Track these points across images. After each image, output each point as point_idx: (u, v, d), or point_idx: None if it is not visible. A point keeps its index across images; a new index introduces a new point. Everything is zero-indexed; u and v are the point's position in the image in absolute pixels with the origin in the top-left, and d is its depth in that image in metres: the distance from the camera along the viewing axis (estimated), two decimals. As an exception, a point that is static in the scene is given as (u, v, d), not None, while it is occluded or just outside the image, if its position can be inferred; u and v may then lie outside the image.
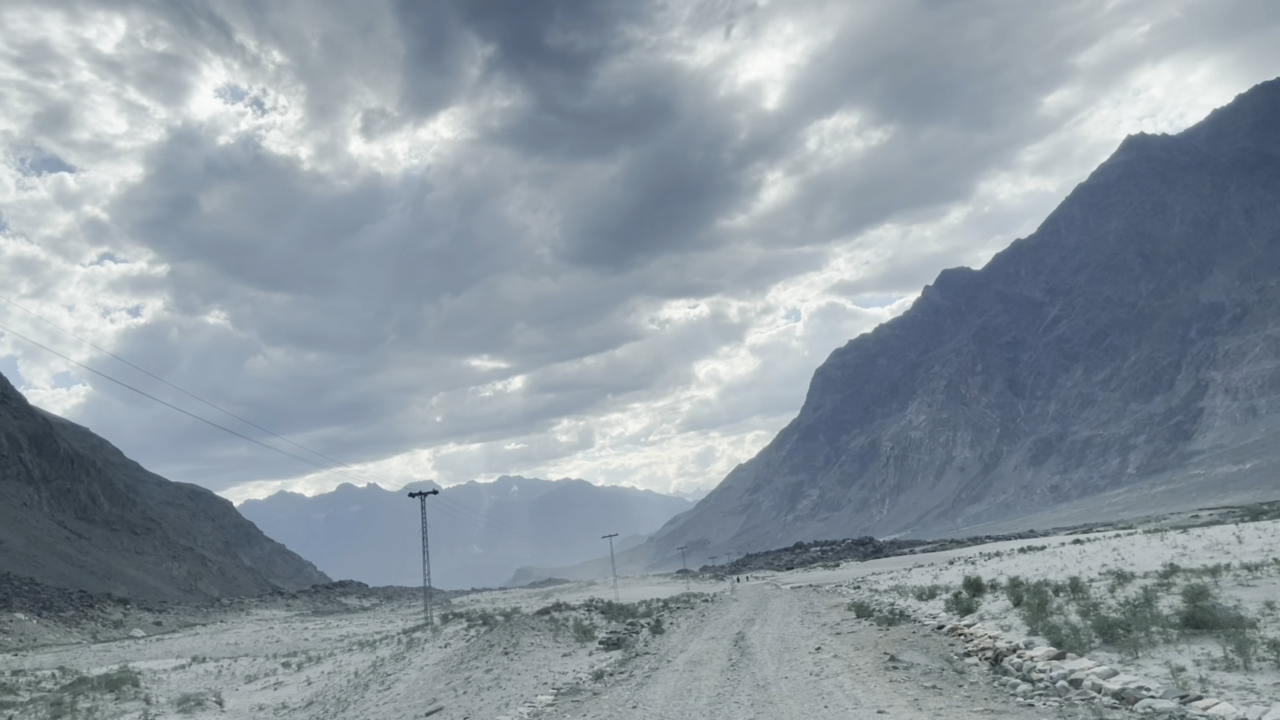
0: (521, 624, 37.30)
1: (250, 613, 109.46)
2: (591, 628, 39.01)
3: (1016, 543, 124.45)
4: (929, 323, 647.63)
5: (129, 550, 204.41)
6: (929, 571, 67.62)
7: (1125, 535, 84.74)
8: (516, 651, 31.90)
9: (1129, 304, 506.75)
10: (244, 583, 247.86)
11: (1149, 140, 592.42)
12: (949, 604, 32.56)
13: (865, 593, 50.52)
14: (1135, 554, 50.14)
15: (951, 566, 70.48)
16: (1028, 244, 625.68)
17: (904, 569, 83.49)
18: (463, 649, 33.96)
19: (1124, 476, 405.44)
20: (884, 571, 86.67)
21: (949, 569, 65.70)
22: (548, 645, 33.53)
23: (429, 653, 35.05)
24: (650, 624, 39.71)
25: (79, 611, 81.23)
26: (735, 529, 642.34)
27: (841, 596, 49.45)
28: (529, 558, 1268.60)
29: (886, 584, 58.32)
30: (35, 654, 49.98)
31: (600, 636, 35.50)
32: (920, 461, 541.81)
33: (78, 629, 73.30)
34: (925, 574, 64.76)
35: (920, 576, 61.95)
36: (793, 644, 27.18)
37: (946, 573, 60.17)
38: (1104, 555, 53.16)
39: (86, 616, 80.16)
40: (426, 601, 64.42)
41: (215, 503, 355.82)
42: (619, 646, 33.09)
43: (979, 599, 32.60)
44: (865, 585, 60.62)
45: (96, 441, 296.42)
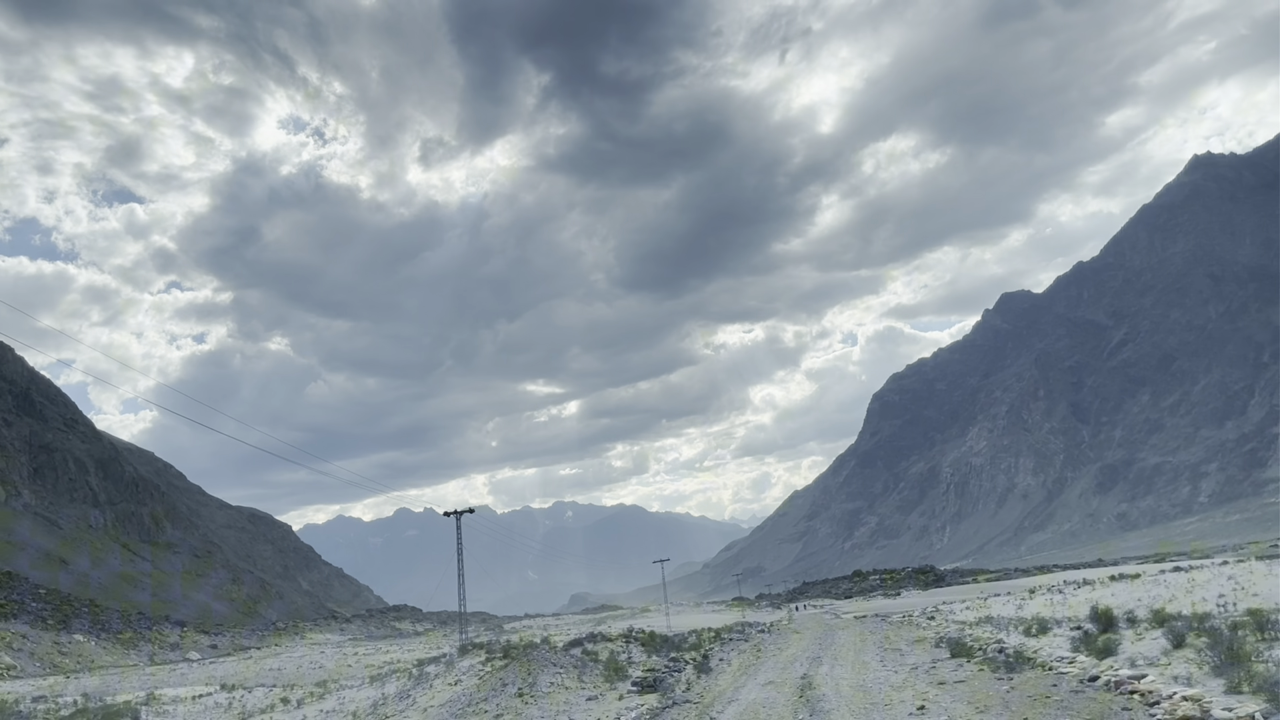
0: (542, 659, 33.60)
1: (305, 636, 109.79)
2: (626, 664, 34.94)
3: (1093, 571, 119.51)
4: (989, 347, 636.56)
5: (190, 573, 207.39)
6: (1009, 601, 62.67)
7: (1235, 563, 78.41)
8: (533, 693, 28.18)
9: (1198, 327, 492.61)
10: (302, 606, 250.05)
11: (1216, 159, 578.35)
12: (1077, 643, 26.42)
13: (948, 624, 45.60)
14: (1257, 583, 43.37)
15: (1035, 595, 65.41)
16: (1090, 266, 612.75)
17: (977, 598, 78.12)
18: (473, 688, 30.39)
19: (1195, 505, 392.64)
20: (953, 600, 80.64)
21: (1032, 598, 60.72)
22: (570, 686, 29.70)
23: (436, 691, 31.45)
24: (696, 660, 35.62)
25: (137, 634, 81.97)
26: (791, 556, 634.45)
27: (919, 629, 44.81)
28: (584, 584, 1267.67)
29: (968, 614, 53.25)
30: (84, 676, 50.12)
31: (635, 676, 30.90)
32: (981, 488, 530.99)
33: (135, 651, 73.84)
34: (1007, 603, 59.50)
35: (1003, 605, 57.02)
36: (879, 696, 22.21)
37: (1031, 602, 55.36)
38: (1218, 584, 46.53)
39: (144, 639, 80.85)
40: (461, 625, 62.69)
41: (275, 526, 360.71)
42: (655, 689, 28.22)
43: (1114, 636, 26.67)
44: (941, 615, 56.19)
45: (161, 465, 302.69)
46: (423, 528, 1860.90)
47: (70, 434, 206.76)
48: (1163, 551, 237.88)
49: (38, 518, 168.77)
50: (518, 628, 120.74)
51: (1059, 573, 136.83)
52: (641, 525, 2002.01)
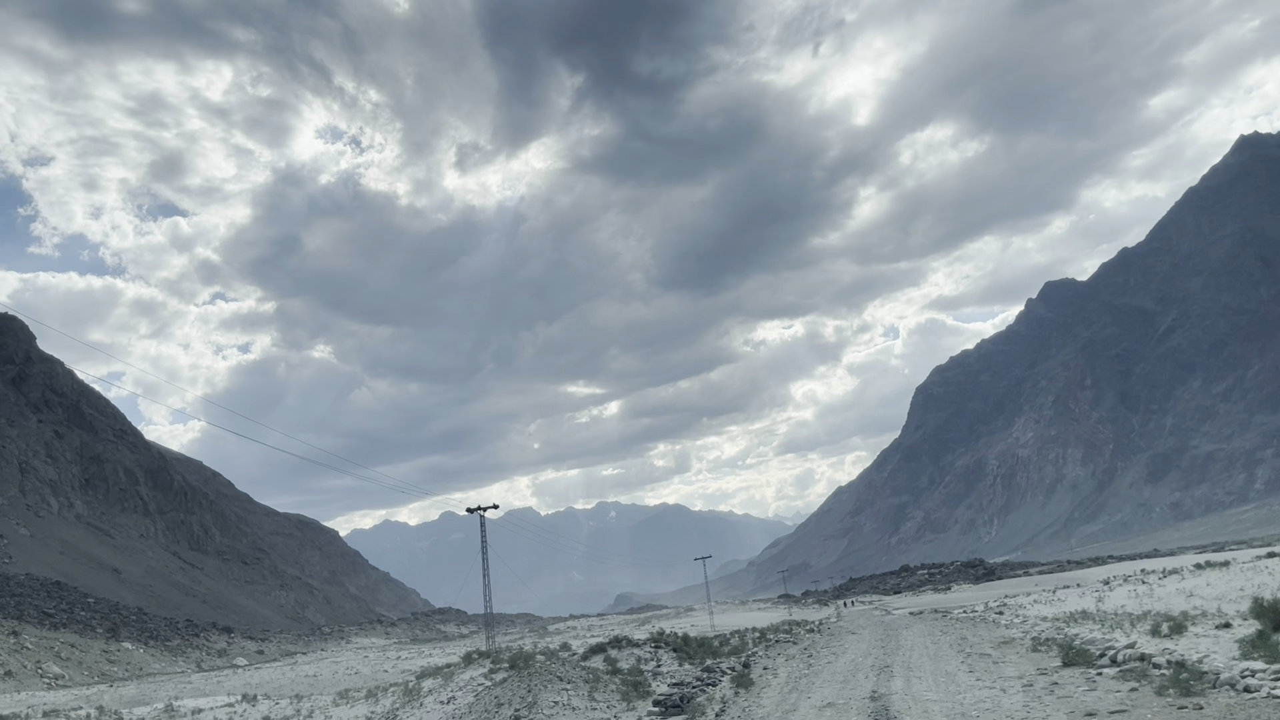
0: (549, 673, 28.69)
1: (350, 641, 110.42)
2: (650, 677, 30.32)
3: (1158, 560, 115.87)
4: (1034, 336, 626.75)
5: (239, 579, 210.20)
6: (1084, 593, 56.83)
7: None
8: (531, 717, 24.09)
9: (1249, 311, 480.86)
10: (349, 611, 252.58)
11: (1264, 139, 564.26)
12: (1246, 646, 20.72)
13: (1031, 622, 40.34)
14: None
15: (1112, 587, 59.86)
16: (1136, 252, 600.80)
17: (1042, 591, 72.38)
18: (465, 708, 26.47)
19: (1251, 492, 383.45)
20: (1015, 594, 76.53)
21: (1110, 589, 55.81)
22: (578, 706, 25.01)
23: (427, 711, 27.65)
24: (735, 670, 30.00)
25: (184, 640, 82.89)
26: (837, 553, 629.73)
27: (997, 626, 39.66)
28: (629, 584, 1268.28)
29: (1044, 609, 47.66)
30: (128, 685, 50.43)
31: (659, 692, 26.21)
32: (1029, 480, 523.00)
33: (183, 658, 74.59)
34: (1083, 596, 54.57)
35: (1080, 599, 52.52)
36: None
37: (1112, 594, 51.02)
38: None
39: (192, 645, 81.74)
40: (488, 628, 61.69)
41: (322, 532, 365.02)
42: (682, 710, 23.29)
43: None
44: (1011, 610, 51.63)
45: (209, 474, 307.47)
46: (467, 531, 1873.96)
47: (120, 445, 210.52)
48: (1219, 541, 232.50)
49: (90, 527, 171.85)
50: (560, 629, 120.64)
51: (1117, 564, 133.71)
52: (685, 524, 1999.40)
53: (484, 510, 60.55)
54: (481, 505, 60.71)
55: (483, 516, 60.21)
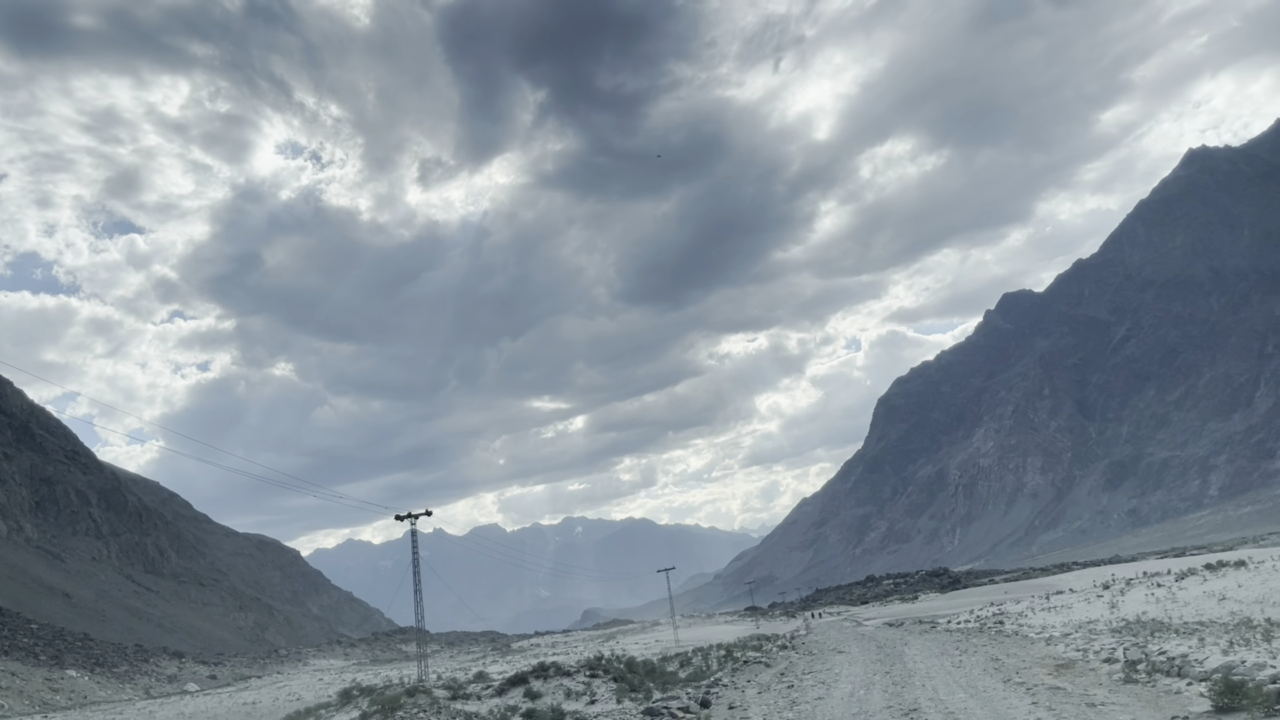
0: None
1: (308, 663, 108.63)
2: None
3: (1124, 567, 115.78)
4: (992, 347, 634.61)
5: (196, 602, 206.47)
6: (1089, 599, 51.74)
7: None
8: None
9: (1200, 320, 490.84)
10: (310, 632, 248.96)
11: (1211, 153, 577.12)
12: None
13: (1052, 632, 36.68)
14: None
15: (1115, 591, 54.29)
16: (1090, 263, 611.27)
17: (1036, 597, 66.29)
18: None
19: (1206, 498, 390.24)
20: (1000, 602, 71.61)
21: (1124, 594, 50.82)
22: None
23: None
24: (690, 710, 23.50)
25: (133, 666, 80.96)
26: (802, 564, 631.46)
27: (1026, 642, 33.92)
28: (596, 599, 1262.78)
29: (1055, 619, 43.18)
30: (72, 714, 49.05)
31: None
32: (990, 489, 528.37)
33: (131, 684, 72.79)
34: (1092, 603, 49.45)
35: (1090, 607, 47.33)
36: None
37: (1126, 599, 46.32)
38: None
39: (140, 671, 79.84)
40: (420, 649, 55.80)
41: (283, 552, 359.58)
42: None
43: None
44: (1014, 620, 46.92)
45: (166, 495, 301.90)
46: (432, 549, 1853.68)
47: (72, 466, 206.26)
48: (1178, 546, 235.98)
49: (40, 551, 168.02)
50: (523, 647, 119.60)
51: (1082, 570, 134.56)
52: (652, 538, 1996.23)
53: (415, 517, 55.60)
54: (413, 512, 55.39)
55: (414, 525, 55.82)
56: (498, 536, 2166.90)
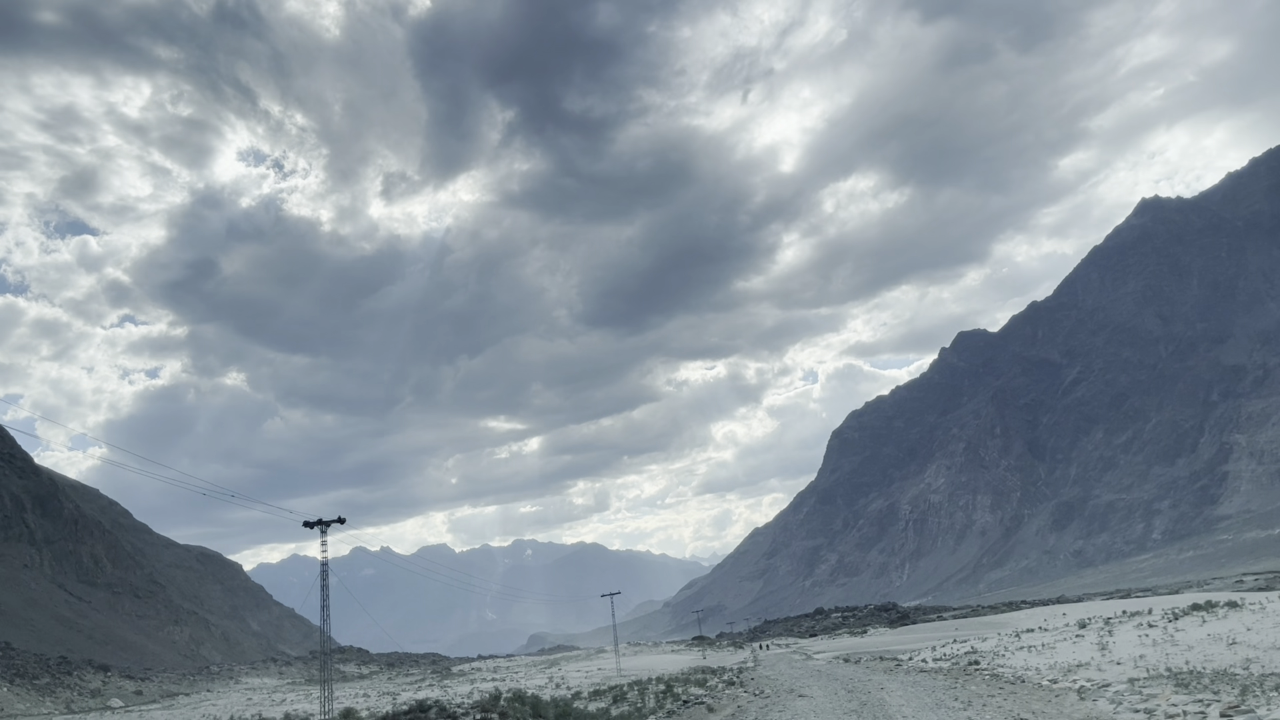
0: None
1: (240, 681, 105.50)
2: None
3: (1073, 606, 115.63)
4: (946, 385, 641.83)
5: (130, 614, 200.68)
6: (1073, 639, 47.68)
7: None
8: None
9: (1149, 366, 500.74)
10: (249, 648, 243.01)
11: (1164, 203, 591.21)
12: None
13: (1046, 676, 33.12)
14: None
15: (1096, 630, 50.16)
16: (1045, 306, 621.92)
17: (1004, 636, 61.26)
18: None
19: (1149, 541, 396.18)
20: (956, 639, 67.47)
21: (1111, 633, 46.74)
22: None
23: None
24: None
25: (55, 679, 77.86)
26: (752, 594, 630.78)
27: (1025, 692, 29.22)
28: (543, 624, 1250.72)
29: (1039, 660, 39.67)
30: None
31: None
32: (940, 525, 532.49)
33: (51, 698, 69.92)
34: (1079, 642, 45.23)
35: (1076, 646, 43.52)
36: None
37: (1116, 639, 42.54)
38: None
39: (63, 685, 76.80)
40: (325, 671, 49.15)
41: (225, 566, 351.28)
42: None
43: None
44: (991, 660, 42.90)
45: (106, 503, 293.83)
46: (379, 567, 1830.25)
47: (7, 470, 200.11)
48: (1123, 588, 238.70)
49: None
50: (465, 670, 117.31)
51: (1030, 609, 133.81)
52: (602, 563, 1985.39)
53: (326, 524, 49.13)
54: (324, 519, 48.96)
55: (324, 535, 49.42)
56: (446, 557, 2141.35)
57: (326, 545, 48.62)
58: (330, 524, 48.90)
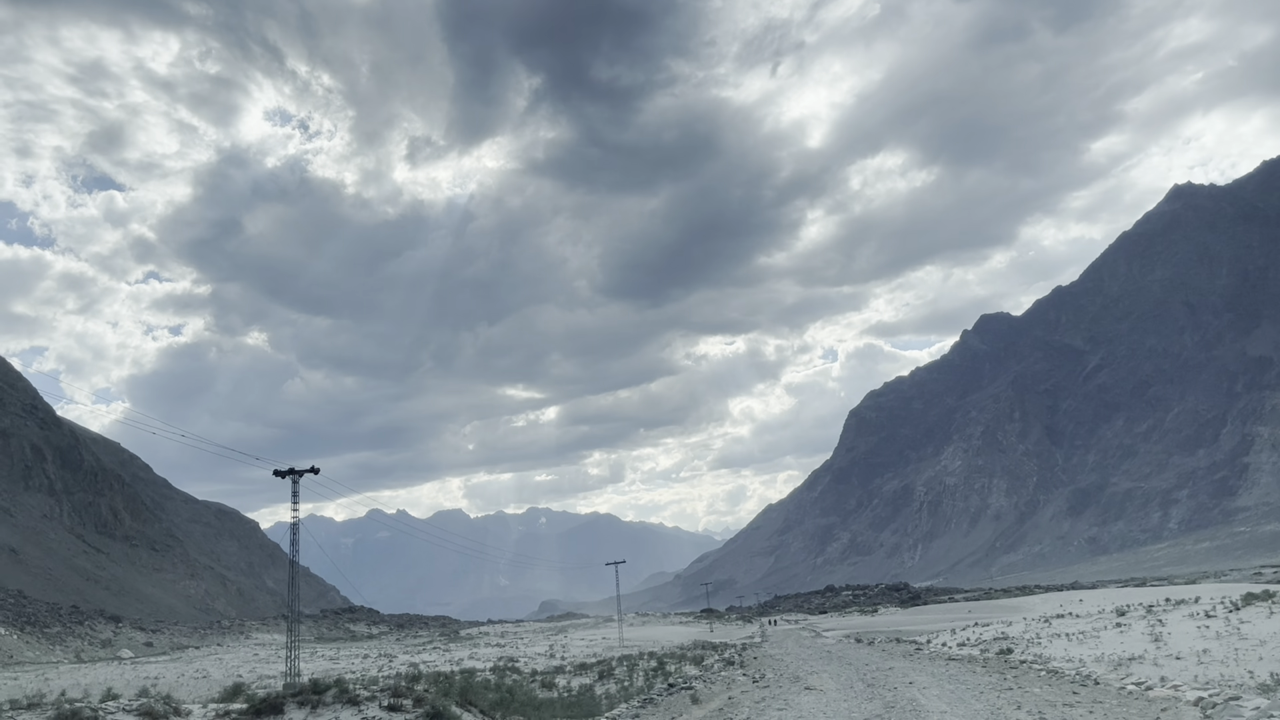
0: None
1: (250, 636, 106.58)
2: None
3: (1101, 593, 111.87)
4: (967, 367, 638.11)
5: (147, 567, 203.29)
6: (1108, 627, 42.58)
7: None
8: None
9: (1173, 355, 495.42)
10: (262, 604, 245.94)
11: (1196, 190, 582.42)
12: None
13: (1082, 665, 28.63)
14: None
15: (1137, 618, 45.07)
16: (1069, 291, 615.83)
17: (1033, 621, 56.03)
18: None
19: (1165, 531, 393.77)
20: (986, 622, 62.14)
21: (1161, 622, 40.93)
22: None
23: None
24: None
25: (66, 628, 78.81)
26: (763, 570, 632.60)
27: (1087, 691, 23.47)
28: (555, 591, 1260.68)
29: (1084, 650, 34.42)
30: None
31: None
32: (954, 508, 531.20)
33: (61, 646, 70.78)
34: (1125, 632, 39.73)
35: (1124, 636, 38.29)
36: None
37: (1169, 629, 37.60)
38: None
39: (73, 634, 77.73)
40: (290, 651, 43.64)
41: (242, 523, 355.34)
42: None
43: None
44: (1025, 648, 38.44)
45: (126, 457, 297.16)
46: (394, 529, 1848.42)
47: (29, 420, 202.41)
48: (1136, 576, 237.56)
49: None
50: (473, 635, 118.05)
51: (1044, 594, 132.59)
52: (615, 534, 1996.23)
53: (299, 474, 45.35)
54: (295, 468, 45.32)
55: (296, 484, 45.36)
56: (461, 522, 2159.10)
57: (298, 496, 45.14)
58: (303, 473, 45.40)
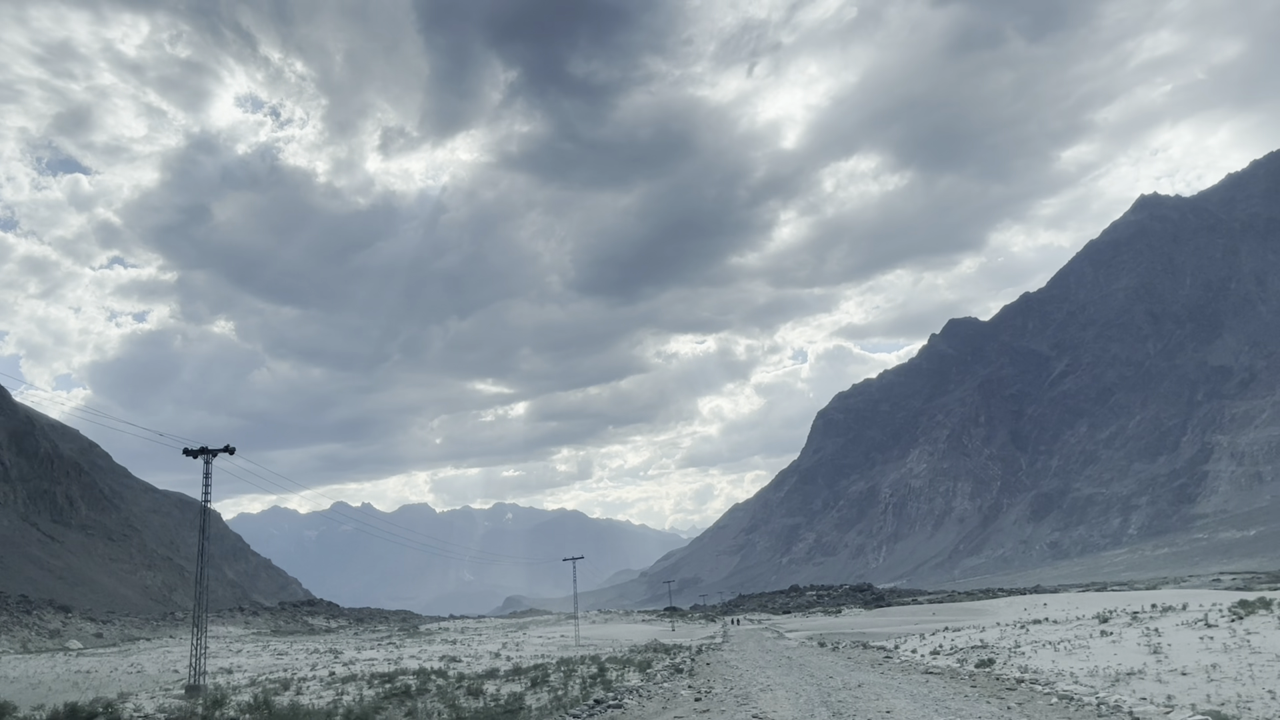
0: None
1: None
2: None
3: (1063, 597, 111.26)
4: (934, 371, 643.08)
5: (103, 556, 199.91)
6: (1095, 635, 38.62)
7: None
8: None
9: (1136, 363, 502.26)
10: (222, 596, 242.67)
11: (1162, 200, 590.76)
12: None
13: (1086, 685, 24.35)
14: None
15: (1122, 625, 41.56)
16: (1037, 297, 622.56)
17: (1004, 627, 52.17)
18: None
19: (1125, 537, 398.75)
20: (957, 627, 58.51)
21: (1160, 633, 36.03)
22: None
23: None
24: None
25: (13, 618, 76.94)
26: (729, 569, 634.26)
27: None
28: (520, 587, 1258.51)
29: (1073, 663, 30.36)
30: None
31: None
32: (919, 510, 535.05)
33: (8, 636, 68.99)
34: (1116, 642, 35.26)
35: (1116, 646, 34.21)
36: None
37: (1168, 640, 33.49)
38: None
39: (20, 624, 75.89)
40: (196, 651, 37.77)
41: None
42: None
43: None
44: (1005, 657, 34.48)
45: (86, 444, 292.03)
46: (359, 522, 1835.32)
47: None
48: (1097, 581, 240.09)
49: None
50: (432, 630, 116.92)
51: (1007, 597, 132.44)
52: (581, 531, 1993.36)
53: (212, 453, 40.45)
54: (208, 447, 40.33)
55: (209, 465, 40.38)
56: (427, 516, 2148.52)
57: (210, 475, 40.40)
58: (215, 453, 40.40)
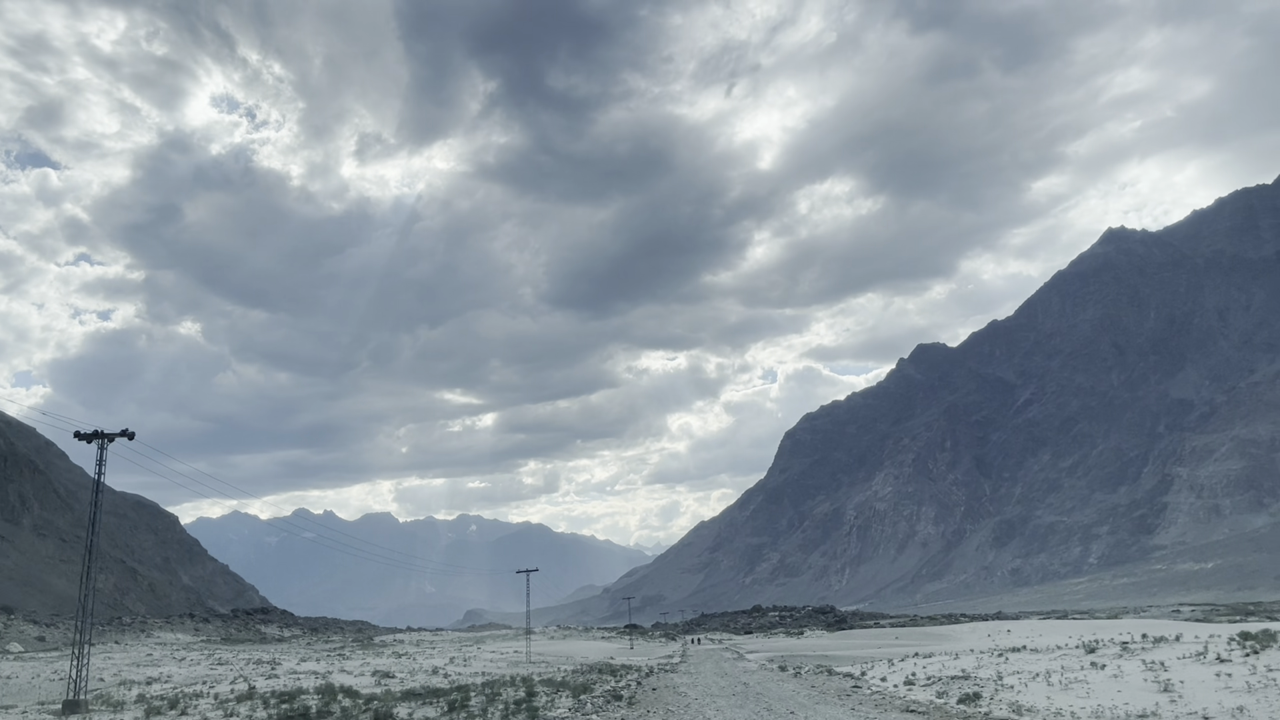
0: None
1: (152, 635, 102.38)
2: None
3: (1024, 624, 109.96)
4: (901, 395, 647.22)
5: (53, 558, 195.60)
6: (1089, 667, 35.78)
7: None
8: None
9: (1100, 393, 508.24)
10: (176, 601, 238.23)
11: (1128, 234, 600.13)
12: None
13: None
14: None
15: (1112, 656, 39.20)
16: (1004, 325, 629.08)
17: (980, 655, 49.58)
18: None
19: (1085, 565, 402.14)
20: (928, 654, 56.01)
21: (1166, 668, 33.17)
22: None
23: None
24: None
25: (-50, 619, 74.64)
26: (692, 587, 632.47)
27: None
28: (482, 600, 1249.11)
29: (1072, 700, 27.67)
30: None
31: None
32: (883, 533, 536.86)
33: (-56, 638, 66.78)
34: (1121, 678, 32.05)
35: (1121, 681, 31.09)
36: None
37: (1176, 675, 30.86)
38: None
39: (-42, 625, 73.62)
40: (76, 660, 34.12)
41: (160, 516, 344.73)
42: None
43: None
44: (992, 691, 31.66)
45: (42, 443, 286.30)
46: (321, 529, 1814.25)
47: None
48: (1057, 609, 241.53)
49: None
50: (386, 642, 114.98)
51: (969, 623, 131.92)
52: (546, 544, 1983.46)
53: (108, 437, 36.98)
54: (101, 431, 36.75)
55: (103, 449, 36.97)
56: (390, 526, 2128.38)
57: (104, 463, 36.81)
58: (112, 437, 36.78)
